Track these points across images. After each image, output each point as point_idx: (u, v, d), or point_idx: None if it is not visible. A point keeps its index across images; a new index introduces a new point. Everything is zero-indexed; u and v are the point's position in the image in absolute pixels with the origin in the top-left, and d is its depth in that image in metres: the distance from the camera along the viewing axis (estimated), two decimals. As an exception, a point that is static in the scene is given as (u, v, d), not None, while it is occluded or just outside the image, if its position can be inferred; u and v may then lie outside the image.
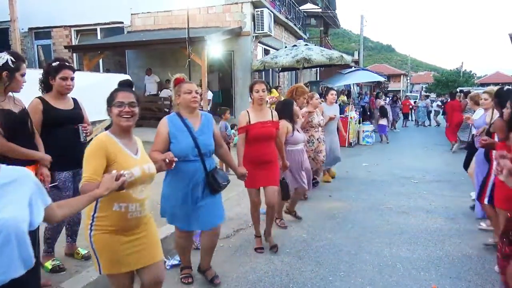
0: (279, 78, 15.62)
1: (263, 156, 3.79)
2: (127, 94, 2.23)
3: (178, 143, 2.88)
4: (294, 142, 4.52)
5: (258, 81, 3.84)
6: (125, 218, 2.17)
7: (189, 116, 2.99)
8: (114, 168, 2.06)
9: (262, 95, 3.72)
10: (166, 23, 12.61)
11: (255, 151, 3.74)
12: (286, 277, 3.46)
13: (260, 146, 3.74)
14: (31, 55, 13.83)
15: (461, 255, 3.92)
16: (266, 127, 3.76)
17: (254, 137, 3.72)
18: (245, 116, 3.76)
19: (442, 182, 7.12)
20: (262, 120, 3.76)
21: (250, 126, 3.72)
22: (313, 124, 5.81)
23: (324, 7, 23.00)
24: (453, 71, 52.42)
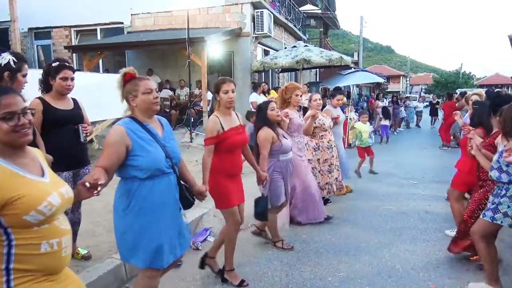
0: (279, 79, 15.63)
1: (237, 167, 3.33)
2: (14, 98, 1.58)
3: (148, 155, 2.26)
4: (284, 151, 3.94)
5: (226, 79, 3.21)
6: (58, 258, 1.63)
7: (149, 122, 2.39)
8: (19, 206, 1.48)
9: (232, 96, 3.17)
10: (166, 23, 12.62)
11: (230, 161, 3.24)
12: (285, 278, 3.47)
13: (233, 155, 3.26)
14: (31, 55, 13.82)
15: (460, 256, 3.93)
16: (240, 134, 3.28)
17: (229, 147, 3.19)
18: (216, 123, 3.15)
19: (441, 183, 7.12)
20: (234, 126, 3.25)
21: (225, 134, 3.15)
22: (326, 127, 5.35)
23: (323, 8, 23.02)
24: (452, 73, 52.52)
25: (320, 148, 5.32)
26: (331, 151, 5.38)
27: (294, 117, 4.57)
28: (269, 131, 3.78)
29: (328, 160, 5.37)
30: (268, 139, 3.76)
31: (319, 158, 5.35)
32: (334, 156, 5.43)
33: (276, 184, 3.93)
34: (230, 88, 3.16)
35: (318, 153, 5.34)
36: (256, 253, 3.98)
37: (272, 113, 3.82)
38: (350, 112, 11.88)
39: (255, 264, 3.72)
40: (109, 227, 4.08)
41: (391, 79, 50.43)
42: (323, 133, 5.34)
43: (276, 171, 3.92)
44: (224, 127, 3.16)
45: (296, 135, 4.65)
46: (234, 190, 3.29)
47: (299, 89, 4.65)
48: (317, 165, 5.35)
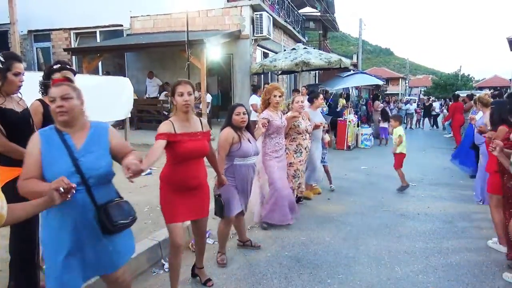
0: (278, 81, 15.66)
1: (192, 179, 2.94)
2: None
3: (50, 168, 2.04)
4: (242, 155, 3.56)
5: (181, 81, 2.89)
6: None
7: (71, 131, 2.17)
8: None
9: (187, 99, 2.82)
10: (165, 26, 12.64)
11: (181, 173, 2.90)
12: (284, 280, 3.47)
13: (188, 166, 2.90)
14: (30, 57, 13.84)
15: (459, 258, 3.94)
16: (196, 141, 2.92)
17: (181, 155, 2.86)
18: (169, 127, 2.85)
19: (440, 185, 7.14)
20: (190, 132, 2.91)
21: (175, 137, 2.82)
22: (300, 130, 5.12)
23: (323, 11, 23.08)
24: (451, 75, 52.57)
25: (286, 151, 5.07)
26: (298, 155, 5.15)
27: (273, 119, 4.49)
28: (230, 132, 3.53)
29: (294, 164, 5.13)
30: (228, 140, 3.50)
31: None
32: (301, 162, 5.19)
33: (228, 192, 3.54)
34: (186, 90, 2.83)
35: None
36: (255, 256, 3.98)
37: (236, 118, 3.54)
38: (349, 115, 11.91)
39: (254, 267, 3.72)
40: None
41: (390, 81, 50.53)
42: (295, 136, 5.15)
43: (228, 177, 3.55)
44: (177, 132, 2.85)
45: (274, 136, 4.59)
46: (183, 206, 2.92)
47: (278, 90, 4.52)
48: None
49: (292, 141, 5.15)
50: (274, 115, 4.55)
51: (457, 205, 5.80)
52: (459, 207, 5.68)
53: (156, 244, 3.78)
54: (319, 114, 6.17)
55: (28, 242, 2.65)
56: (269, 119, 4.42)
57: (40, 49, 13.63)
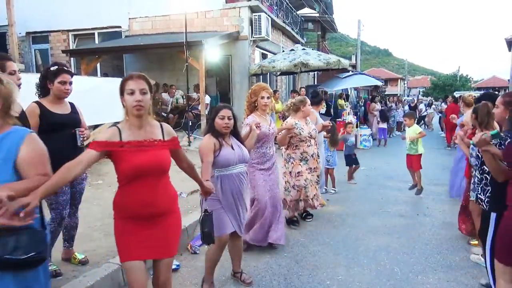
0: (277, 82, 15.65)
1: (146, 207, 2.22)
2: None
3: None
4: (223, 164, 3.05)
5: (133, 75, 2.23)
6: None
7: None
8: None
9: (141, 99, 2.17)
10: (164, 27, 12.63)
11: (131, 197, 2.21)
12: (284, 281, 3.46)
13: (140, 188, 2.20)
14: (28, 59, 13.81)
15: (459, 258, 3.93)
16: (150, 152, 2.21)
17: (127, 172, 2.17)
18: (113, 135, 2.19)
19: (439, 185, 7.14)
20: (142, 140, 2.22)
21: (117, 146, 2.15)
22: (302, 137, 4.64)
23: (321, 12, 23.09)
24: (450, 75, 52.74)
25: (291, 160, 4.68)
26: (304, 163, 4.67)
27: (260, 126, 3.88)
28: (210, 138, 3.06)
29: (303, 173, 4.65)
30: (209, 146, 3.01)
31: (290, 171, 4.69)
32: (309, 170, 4.71)
33: (212, 207, 2.98)
34: (138, 87, 2.18)
35: (288, 166, 4.70)
36: (254, 257, 3.96)
37: (219, 122, 3.07)
38: (348, 115, 11.91)
39: (253, 268, 3.71)
40: (107, 231, 4.08)
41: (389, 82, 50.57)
42: (299, 144, 4.66)
43: None
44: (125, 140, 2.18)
45: (259, 145, 3.93)
46: (139, 239, 2.23)
47: (266, 90, 3.92)
48: (290, 179, 4.70)
49: (295, 149, 4.67)
50: (261, 121, 3.92)
51: (456, 205, 5.77)
52: (458, 207, 5.66)
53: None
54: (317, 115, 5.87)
55: None
56: (256, 120, 3.85)
57: (38, 51, 13.58)
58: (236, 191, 3.13)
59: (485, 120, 3.28)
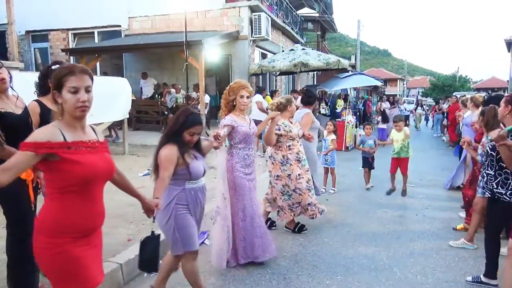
0: (277, 82, 15.67)
1: (100, 215, 1.99)
2: None
3: None
4: (194, 176, 2.82)
5: (75, 69, 1.86)
6: None
7: None
8: None
9: (85, 99, 1.84)
10: (163, 26, 12.64)
11: (84, 208, 1.88)
12: (283, 281, 3.46)
13: (92, 194, 1.91)
14: (28, 58, 13.82)
15: (458, 259, 3.94)
16: (100, 153, 1.95)
17: (81, 177, 1.82)
18: (53, 134, 1.81)
19: (438, 186, 7.15)
20: (87, 141, 1.91)
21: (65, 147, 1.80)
22: (293, 135, 4.44)
23: (321, 12, 23.11)
24: (449, 76, 52.79)
25: (289, 162, 4.41)
26: (303, 164, 4.49)
27: (239, 125, 3.63)
28: (173, 149, 2.71)
29: (304, 175, 4.46)
30: (171, 159, 2.69)
31: (289, 173, 4.40)
32: (308, 170, 4.57)
33: (184, 221, 2.81)
34: (83, 84, 1.85)
35: (286, 168, 4.40)
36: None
37: (188, 138, 2.76)
38: (348, 115, 11.92)
39: (252, 267, 3.71)
40: (106, 231, 4.05)
41: (388, 82, 50.65)
42: (291, 143, 4.43)
43: (181, 204, 2.81)
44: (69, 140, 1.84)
45: (242, 146, 3.69)
46: (91, 260, 1.92)
47: (245, 89, 3.66)
48: (290, 183, 4.42)
49: (290, 150, 4.44)
50: (240, 120, 3.68)
51: (456, 206, 5.80)
52: (457, 208, 5.68)
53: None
54: None
55: (25, 243, 2.63)
56: (233, 125, 3.61)
57: (38, 50, 13.59)
58: (201, 203, 2.94)
59: (490, 122, 3.47)
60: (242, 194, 3.68)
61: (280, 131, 4.38)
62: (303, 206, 4.50)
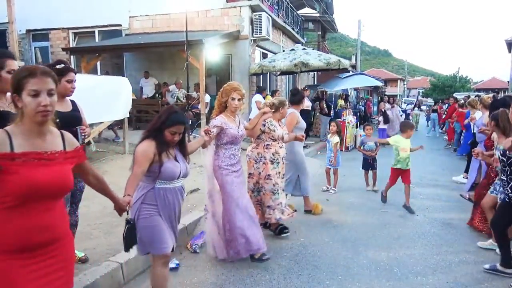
0: (277, 82, 15.66)
1: (46, 230, 1.80)
2: None
3: None
4: (167, 176, 2.71)
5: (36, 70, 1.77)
6: None
7: None
8: None
9: (48, 102, 1.75)
10: (164, 26, 12.62)
11: (25, 219, 1.74)
12: (283, 281, 3.46)
13: (36, 208, 1.76)
14: (28, 57, 13.81)
15: (458, 259, 3.94)
16: (52, 166, 1.80)
17: (20, 192, 1.70)
18: (1, 142, 1.71)
19: (439, 186, 7.15)
20: (41, 152, 1.78)
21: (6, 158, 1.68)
22: (276, 135, 4.39)
23: (321, 12, 23.10)
24: (449, 76, 52.80)
25: (263, 160, 4.33)
26: (275, 166, 4.35)
27: (228, 127, 3.67)
28: (151, 145, 2.66)
29: (272, 177, 4.31)
30: (147, 155, 2.63)
31: (260, 172, 4.33)
32: (279, 174, 4.41)
33: (149, 222, 2.68)
34: (45, 88, 1.75)
35: (259, 166, 4.33)
36: (254, 256, 3.96)
37: (169, 137, 2.70)
38: (348, 116, 11.92)
39: (253, 267, 3.71)
40: (107, 230, 4.08)
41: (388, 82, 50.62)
42: (270, 143, 4.38)
43: (148, 204, 2.70)
44: (17, 150, 1.71)
45: (228, 146, 3.74)
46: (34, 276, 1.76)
47: (237, 91, 3.67)
48: (260, 181, 4.34)
49: (266, 149, 4.35)
50: (230, 122, 3.72)
51: (456, 206, 5.80)
52: (458, 208, 5.68)
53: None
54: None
55: None
56: (222, 126, 3.63)
57: (38, 49, 13.57)
58: (175, 206, 2.82)
59: (507, 127, 3.62)
60: (231, 190, 3.70)
61: (264, 128, 4.35)
62: (266, 206, 4.37)
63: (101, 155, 7.68)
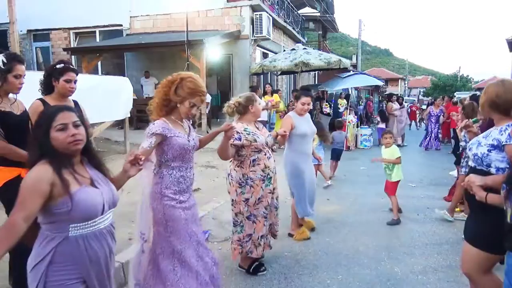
0: (278, 82, 15.66)
1: None
2: None
3: None
4: (84, 215, 1.74)
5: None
6: None
7: None
8: None
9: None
10: (165, 26, 12.65)
11: None
12: (284, 280, 3.47)
13: None
14: (29, 57, 13.82)
15: (459, 258, 3.92)
16: None
17: None
18: None
19: (439, 186, 7.14)
20: None
21: None
22: (259, 145, 3.37)
23: (322, 11, 23.11)
24: (450, 76, 52.72)
25: (250, 183, 3.37)
26: (267, 184, 3.43)
27: (174, 135, 2.53)
28: (46, 172, 1.68)
29: (264, 198, 3.42)
30: (39, 189, 1.64)
31: (248, 198, 3.38)
32: (272, 191, 3.52)
33: None
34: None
35: (245, 190, 3.37)
36: (255, 256, 3.97)
37: (61, 137, 1.75)
38: (349, 115, 11.92)
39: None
40: (108, 229, 4.07)
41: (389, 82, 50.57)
42: (256, 157, 3.37)
43: (61, 266, 1.71)
44: None
45: (176, 165, 2.58)
46: None
47: (203, 97, 2.62)
48: (245, 209, 3.41)
49: (253, 166, 3.36)
50: (177, 128, 2.59)
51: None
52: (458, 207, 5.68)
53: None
54: (306, 120, 4.38)
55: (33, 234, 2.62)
56: (165, 134, 2.49)
57: (40, 49, 13.61)
58: (107, 259, 1.85)
59: (470, 114, 4.71)
60: (175, 232, 2.58)
61: (241, 141, 3.29)
62: (254, 240, 3.47)
63: (102, 155, 7.69)
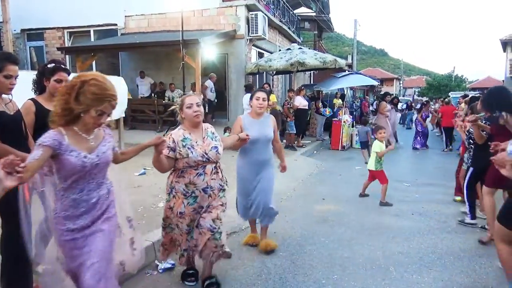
0: (273, 82, 15.66)
1: None
2: None
3: None
4: None
5: None
6: None
7: None
8: None
9: None
10: (160, 25, 12.60)
11: None
12: (279, 281, 3.46)
13: None
14: (23, 56, 13.73)
15: (453, 258, 3.96)
16: None
17: None
18: None
19: (434, 185, 7.17)
20: None
21: None
22: (190, 161, 2.95)
23: (318, 11, 23.15)
24: (445, 76, 52.99)
25: (173, 192, 3.04)
26: (191, 202, 3.00)
27: (67, 150, 2.09)
28: None
29: (186, 216, 3.01)
30: None
31: (171, 206, 3.05)
32: (199, 210, 3.05)
33: None
34: None
35: (169, 197, 3.09)
36: (250, 256, 3.97)
37: None
38: (344, 115, 11.94)
39: (249, 267, 3.71)
40: (102, 230, 4.05)
41: (384, 82, 50.77)
42: (185, 170, 2.98)
43: None
44: None
45: (74, 179, 2.15)
46: None
47: (112, 103, 2.20)
48: (171, 215, 3.09)
49: (179, 177, 3.01)
50: (77, 144, 2.14)
51: (451, 205, 5.82)
52: (453, 207, 5.71)
53: (149, 245, 3.74)
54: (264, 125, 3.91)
55: (22, 241, 2.61)
56: (56, 149, 2.05)
57: (33, 48, 13.53)
58: None
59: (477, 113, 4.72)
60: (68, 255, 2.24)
61: (174, 153, 2.96)
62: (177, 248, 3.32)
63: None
